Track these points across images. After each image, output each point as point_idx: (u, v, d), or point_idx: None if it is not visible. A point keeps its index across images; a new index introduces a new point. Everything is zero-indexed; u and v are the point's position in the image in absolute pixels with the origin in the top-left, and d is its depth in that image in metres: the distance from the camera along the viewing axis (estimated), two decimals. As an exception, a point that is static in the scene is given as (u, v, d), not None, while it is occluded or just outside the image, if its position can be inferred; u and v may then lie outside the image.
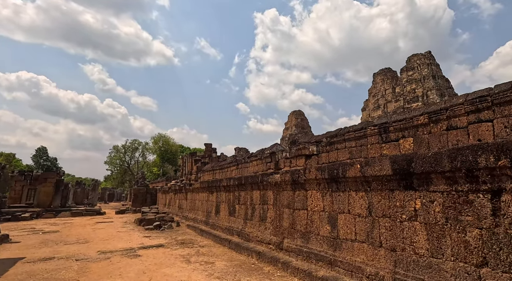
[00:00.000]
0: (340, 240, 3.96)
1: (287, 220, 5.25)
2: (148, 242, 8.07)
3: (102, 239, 8.80)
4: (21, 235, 9.81)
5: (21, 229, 11.63)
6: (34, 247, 7.57)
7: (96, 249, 7.23)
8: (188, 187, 12.39)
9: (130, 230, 10.98)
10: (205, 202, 10.19)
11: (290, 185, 5.26)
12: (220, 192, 8.80)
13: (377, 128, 5.91)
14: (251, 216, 6.73)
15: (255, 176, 6.57)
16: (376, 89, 37.08)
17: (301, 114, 42.89)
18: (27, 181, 18.92)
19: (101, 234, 9.91)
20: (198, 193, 11.07)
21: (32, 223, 13.91)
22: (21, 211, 16.22)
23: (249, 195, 6.97)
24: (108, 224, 13.09)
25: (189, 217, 11.83)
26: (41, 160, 60.35)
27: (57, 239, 9.04)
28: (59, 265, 5.60)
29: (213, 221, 9.02)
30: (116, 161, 66.16)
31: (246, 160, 12.25)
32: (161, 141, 64.44)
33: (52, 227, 12.09)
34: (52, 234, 10.11)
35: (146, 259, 6.05)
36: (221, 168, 15.28)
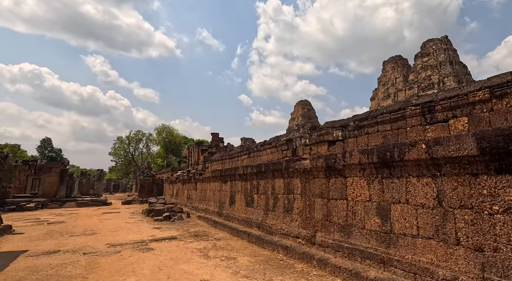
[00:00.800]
0: (395, 235, 3.33)
1: (320, 212, 4.62)
2: (160, 234, 7.54)
3: (110, 231, 8.30)
4: (25, 226, 9.36)
5: (26, 219, 11.21)
6: (38, 239, 7.08)
7: (105, 241, 6.72)
8: (197, 176, 11.83)
9: (138, 221, 10.50)
10: (217, 192, 9.62)
11: (324, 172, 4.60)
12: (235, 181, 8.20)
13: (419, 108, 5.18)
14: (273, 207, 6.13)
15: (277, 163, 5.93)
16: (386, 78, 35.92)
17: (307, 104, 41.96)
18: (31, 171, 18.52)
19: (108, 225, 9.43)
20: (209, 183, 10.50)
21: (37, 213, 13.52)
22: (26, 201, 15.86)
23: (270, 184, 6.35)
24: (115, 215, 12.64)
25: (199, 208, 11.31)
26: (46, 151, 60.36)
27: (63, 230, 8.56)
28: (65, 260, 5.07)
29: (228, 212, 8.46)
30: (121, 152, 66.08)
31: (259, 149, 11.61)
32: (165, 132, 64.03)
33: (58, 218, 11.67)
34: (57, 225, 9.66)
35: (159, 253, 5.50)
36: (231, 158, 14.69)
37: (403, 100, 29.50)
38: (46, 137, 66.25)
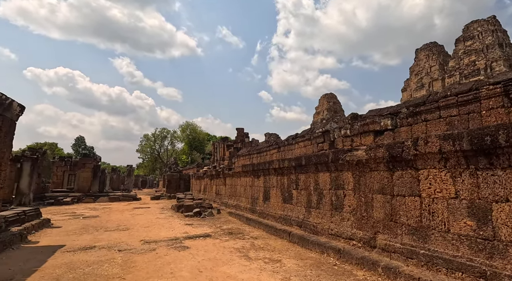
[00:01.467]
0: (501, 243, 2.60)
1: (381, 210, 3.95)
2: (193, 231, 7.23)
3: (143, 226, 8.15)
4: (62, 220, 9.54)
5: (63, 213, 11.53)
6: (74, 234, 7.06)
7: (139, 237, 6.51)
8: (227, 171, 11.47)
9: (169, 216, 10.36)
10: (249, 187, 9.16)
11: (385, 164, 3.92)
12: (269, 176, 7.68)
13: (500, 86, 4.29)
14: (316, 204, 5.52)
15: (322, 155, 5.29)
16: (419, 67, 33.50)
17: (333, 97, 40.41)
18: (67, 167, 19.34)
19: (140, 221, 9.35)
20: (240, 178, 10.08)
21: (73, 207, 13.98)
22: (63, 195, 16.53)
23: (311, 179, 5.74)
24: (146, 210, 12.69)
25: (229, 203, 10.96)
26: (79, 149, 64.03)
27: (97, 224, 8.57)
28: (101, 257, 4.84)
29: (261, 209, 7.97)
30: (147, 149, 68.35)
31: (290, 142, 10.99)
32: (189, 129, 65.18)
33: (92, 212, 11.90)
34: (92, 219, 9.76)
35: (196, 252, 5.13)
36: (259, 152, 14.20)
37: (450, 86, 27.47)
38: (79, 136, 70.21)
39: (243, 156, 16.08)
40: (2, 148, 5.63)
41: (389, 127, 6.39)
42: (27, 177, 7.95)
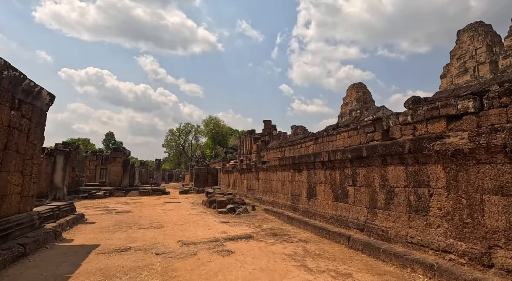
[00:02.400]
0: None
1: (501, 216, 2.94)
2: (231, 231, 6.57)
3: (177, 224, 7.65)
4: (96, 215, 9.35)
5: (96, 207, 11.47)
6: (108, 231, 6.68)
7: (175, 237, 5.95)
8: (260, 165, 10.72)
9: (201, 213, 9.85)
10: (288, 182, 8.34)
11: (504, 154, 2.89)
12: (315, 170, 6.79)
13: None
14: (385, 204, 4.57)
15: (393, 145, 4.32)
16: (462, 50, 30.39)
17: (362, 87, 38.17)
18: (99, 161, 19.71)
19: (173, 217, 8.90)
20: (276, 172, 9.28)
21: (105, 201, 14.03)
22: (96, 189, 16.78)
23: (376, 173, 4.78)
24: (177, 205, 12.35)
25: (264, 200, 10.23)
26: (109, 144, 66.86)
27: (130, 220, 8.22)
28: (138, 261, 4.28)
29: (305, 207, 7.13)
30: (172, 144, 69.86)
31: (331, 133, 9.96)
32: (212, 123, 65.51)
33: (124, 207, 11.75)
34: (124, 214, 9.49)
35: (243, 258, 4.41)
36: (292, 144, 13.29)
37: (472, 80, 24.57)
38: (109, 131, 73.32)
39: (274, 149, 15.26)
40: (33, 139, 5.24)
41: (471, 110, 5.21)
42: (61, 171, 7.71)
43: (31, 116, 5.11)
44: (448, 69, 31.98)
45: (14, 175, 4.65)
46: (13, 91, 4.37)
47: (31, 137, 5.15)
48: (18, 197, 4.81)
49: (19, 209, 4.88)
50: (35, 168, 5.40)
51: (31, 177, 5.24)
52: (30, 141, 5.11)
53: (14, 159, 4.61)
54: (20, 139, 4.75)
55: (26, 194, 5.10)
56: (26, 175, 5.05)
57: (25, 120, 4.91)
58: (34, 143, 5.28)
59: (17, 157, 4.69)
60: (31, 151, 5.16)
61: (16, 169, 4.70)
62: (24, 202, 5.05)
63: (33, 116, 5.17)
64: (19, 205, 4.88)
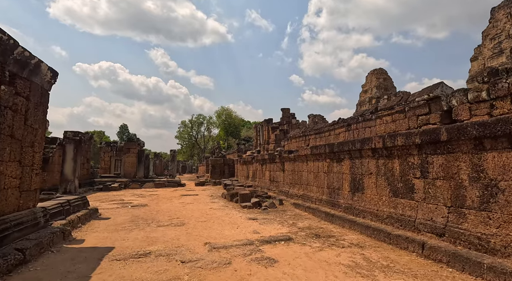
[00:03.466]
0: None
1: None
2: (264, 230, 5.63)
3: (199, 220, 6.79)
4: (111, 209, 8.66)
5: (111, 200, 10.85)
6: (123, 228, 5.89)
7: (200, 238, 5.08)
8: (286, 155, 9.69)
9: (223, 207, 8.99)
10: (323, 174, 7.29)
11: None
12: (361, 159, 5.71)
13: None
14: (479, 203, 3.47)
15: (502, 121, 3.17)
16: (496, 29, 27.79)
17: (383, 73, 36.03)
18: (113, 152, 19.23)
19: (194, 212, 8.07)
20: (307, 162, 8.24)
21: (120, 193, 13.47)
22: (111, 181, 16.31)
23: (464, 162, 3.66)
24: (195, 198, 11.57)
25: (291, 193, 9.24)
26: (123, 136, 67.53)
27: (147, 216, 7.44)
28: (161, 273, 3.40)
29: (348, 203, 6.08)
30: (185, 135, 69.84)
31: (368, 117, 8.76)
32: (224, 114, 64.75)
33: (140, 200, 11.07)
34: (141, 208, 8.75)
35: (292, 271, 3.45)
36: (319, 132, 12.15)
37: (509, 61, 21.90)
38: (123, 124, 74.02)
39: (296, 138, 14.16)
40: (33, 123, 4.39)
41: None
42: (71, 161, 6.95)
43: (29, 94, 4.24)
44: (480, 51, 29.47)
45: (9, 166, 3.82)
46: (1, 60, 3.47)
47: (30, 120, 4.30)
48: (16, 192, 4.00)
49: (18, 206, 4.08)
50: (38, 158, 4.57)
51: (33, 168, 4.42)
52: (29, 125, 4.26)
53: (9, 145, 3.77)
54: (15, 121, 3.90)
55: (27, 188, 4.29)
56: (26, 165, 4.23)
57: (21, 99, 4.05)
58: (35, 128, 4.44)
59: (12, 143, 3.85)
60: (30, 136, 4.32)
61: (12, 158, 3.87)
62: (25, 197, 4.25)
63: (31, 95, 4.30)
64: (18, 201, 4.07)
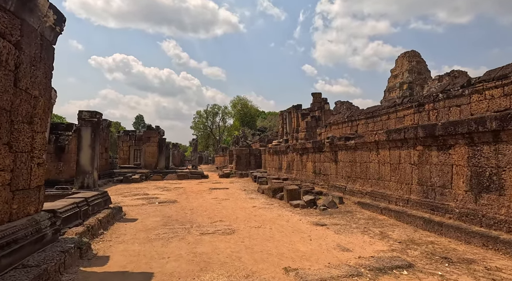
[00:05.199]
0: None
1: None
2: (351, 245, 4.01)
3: (249, 225, 5.25)
4: (136, 206, 7.30)
5: (134, 194, 9.55)
6: (158, 237, 4.43)
7: (269, 256, 3.52)
8: (341, 142, 7.96)
9: (268, 204, 7.44)
10: (409, 166, 5.54)
11: None
12: (496, 145, 3.92)
13: None
14: None
15: None
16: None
17: (416, 56, 32.91)
18: (132, 141, 18.09)
19: (235, 211, 6.56)
20: (377, 151, 6.50)
21: (142, 186, 12.22)
22: (131, 172, 15.15)
23: None
24: (227, 193, 10.10)
25: (349, 189, 7.56)
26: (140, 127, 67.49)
27: (182, 216, 5.99)
28: None
29: (468, 207, 4.33)
30: (200, 126, 69.02)
31: (456, 93, 6.83)
32: (240, 104, 63.14)
33: (166, 194, 9.72)
34: (171, 206, 7.33)
35: None
36: (372, 117, 10.25)
37: None
38: (139, 114, 73.96)
39: (338, 125, 12.34)
40: (29, 87, 2.87)
41: None
42: (88, 148, 5.55)
43: (20, 41, 2.71)
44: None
45: (-10, 151, 2.32)
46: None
47: (25, 82, 2.78)
48: (4, 192, 2.52)
49: (10, 214, 2.62)
50: (40, 141, 3.09)
51: (32, 156, 2.95)
52: (22, 88, 2.75)
53: (-14, 118, 2.26)
54: (-3, 79, 2.38)
55: (23, 186, 2.82)
56: (21, 151, 2.75)
57: (7, 45, 2.52)
58: (33, 95, 2.93)
59: (-8, 114, 2.34)
60: (26, 107, 2.81)
61: (-6, 138, 2.37)
62: (21, 199, 2.79)
63: (24, 42, 2.77)
64: (9, 206, 2.61)
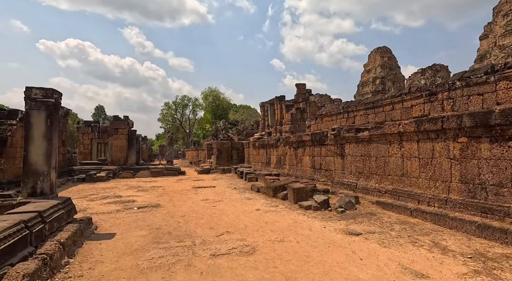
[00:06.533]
0: None
1: None
2: (420, 267, 3.11)
3: (266, 237, 4.14)
4: (108, 213, 5.74)
5: (103, 197, 7.83)
6: (153, 265, 3.12)
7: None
8: (350, 134, 7.13)
9: (272, 206, 6.36)
10: (447, 160, 4.84)
11: None
12: None
13: None
14: None
15: None
16: (509, 5, 26.30)
17: (388, 52, 33.95)
18: (95, 134, 15.71)
19: (239, 217, 5.38)
20: (400, 144, 5.76)
21: (111, 186, 10.37)
22: (95, 169, 13.03)
23: None
24: (215, 192, 8.81)
25: (361, 186, 6.79)
26: (100, 119, 61.81)
27: (174, 228, 4.67)
28: None
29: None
30: (168, 118, 65.53)
31: (477, 81, 6.33)
32: (212, 96, 60.79)
33: (143, 195, 8.14)
34: (154, 212, 5.89)
35: None
36: (372, 107, 9.61)
37: None
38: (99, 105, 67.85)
39: (331, 116, 11.62)
40: None
41: None
42: (42, 141, 3.99)
43: None
44: (491, 29, 28.12)
45: None
46: None
47: None
48: None
49: None
50: None
51: None
52: None
53: None
54: None
55: None
56: None
57: None
58: None
59: None
60: None
61: None
62: None
63: None
64: None
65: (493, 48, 27.89)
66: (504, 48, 27.31)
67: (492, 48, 27.97)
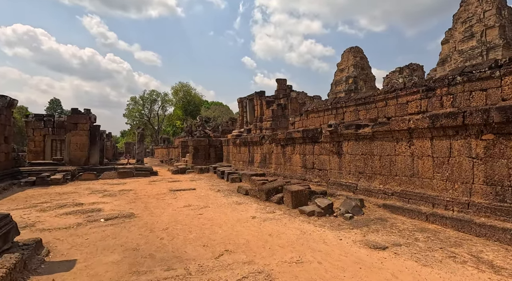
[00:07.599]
0: None
1: None
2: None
3: (280, 257, 3.32)
4: (66, 229, 4.48)
5: (59, 205, 6.38)
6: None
7: None
8: (350, 131, 6.57)
9: (269, 213, 5.54)
10: (467, 160, 4.42)
11: None
12: None
13: None
14: None
15: None
16: (467, 13, 28.33)
17: (360, 52, 34.89)
18: (49, 129, 13.58)
19: (234, 229, 4.48)
20: (410, 141, 5.29)
21: (69, 190, 8.75)
22: (49, 170, 11.13)
23: None
24: (197, 196, 7.76)
25: (362, 187, 6.26)
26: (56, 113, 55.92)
27: (158, 247, 3.63)
28: None
29: None
30: (135, 114, 61.75)
31: (480, 76, 6.08)
32: (182, 91, 58.18)
33: (111, 202, 6.82)
34: (127, 224, 4.74)
35: None
36: (364, 103, 9.20)
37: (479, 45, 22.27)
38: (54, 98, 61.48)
39: (317, 113, 11.11)
40: None
41: None
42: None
43: None
44: (451, 34, 30.05)
45: None
46: None
47: None
48: None
49: None
50: None
51: None
52: None
53: None
54: None
55: None
56: None
57: None
58: None
59: None
60: None
61: None
62: None
63: None
64: None
65: (453, 53, 29.95)
66: (463, 53, 29.44)
67: (452, 53, 30.03)
